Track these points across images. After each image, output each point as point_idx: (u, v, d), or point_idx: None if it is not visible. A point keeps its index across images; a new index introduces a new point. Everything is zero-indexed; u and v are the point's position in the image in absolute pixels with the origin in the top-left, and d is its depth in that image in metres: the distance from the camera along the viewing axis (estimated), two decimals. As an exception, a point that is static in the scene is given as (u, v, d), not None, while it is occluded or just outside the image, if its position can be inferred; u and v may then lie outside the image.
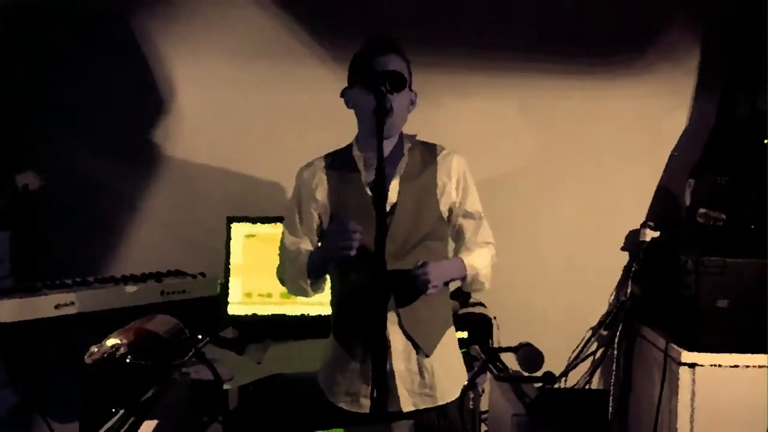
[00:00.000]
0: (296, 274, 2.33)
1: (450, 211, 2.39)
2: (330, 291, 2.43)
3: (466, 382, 2.47)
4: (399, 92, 2.23)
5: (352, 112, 2.36)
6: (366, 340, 2.26)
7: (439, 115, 3.49)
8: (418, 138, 2.41)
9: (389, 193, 2.28)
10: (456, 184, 2.38)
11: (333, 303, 2.42)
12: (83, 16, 3.57)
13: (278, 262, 2.44)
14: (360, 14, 3.58)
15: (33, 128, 3.60)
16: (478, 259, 2.38)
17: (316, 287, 2.37)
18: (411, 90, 2.34)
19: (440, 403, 2.34)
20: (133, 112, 3.65)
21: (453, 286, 2.48)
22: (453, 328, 2.46)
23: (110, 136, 3.63)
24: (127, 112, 3.64)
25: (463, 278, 2.37)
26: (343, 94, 2.36)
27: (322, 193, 2.35)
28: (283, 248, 2.41)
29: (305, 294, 2.38)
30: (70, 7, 3.58)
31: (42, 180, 3.64)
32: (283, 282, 2.43)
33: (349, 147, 2.39)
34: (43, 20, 3.56)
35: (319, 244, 2.39)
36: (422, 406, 2.31)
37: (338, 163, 2.37)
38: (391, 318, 2.25)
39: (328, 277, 2.39)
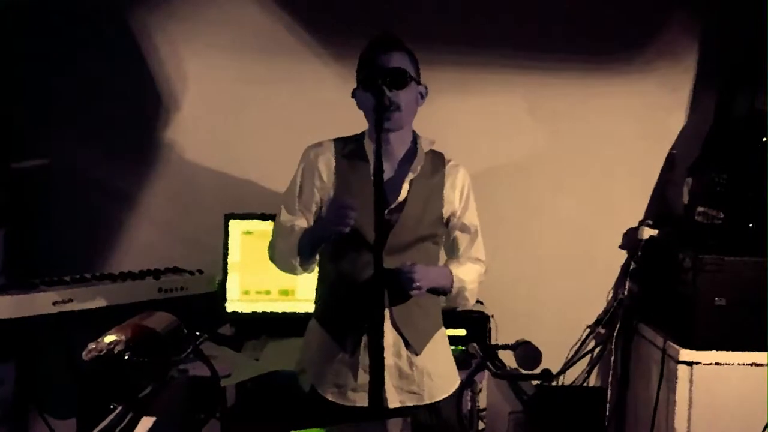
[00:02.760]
0: (287, 251, 2.33)
1: (448, 220, 2.41)
2: (318, 279, 2.43)
3: (457, 383, 2.46)
4: (400, 89, 2.23)
5: (350, 108, 2.37)
6: (357, 332, 2.27)
7: (438, 112, 3.48)
8: (434, 145, 2.42)
9: (401, 191, 2.30)
10: (459, 195, 2.40)
11: (322, 291, 2.42)
12: (83, 12, 3.57)
13: (270, 239, 2.43)
14: (361, 12, 3.58)
15: (30, 124, 3.59)
16: (467, 273, 2.39)
17: (306, 266, 2.36)
18: (419, 84, 2.34)
19: (427, 401, 2.34)
20: (131, 109, 3.65)
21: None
22: (443, 329, 2.46)
23: (108, 133, 3.63)
24: (125, 108, 3.63)
25: (449, 290, 2.37)
26: (353, 95, 2.37)
27: (327, 176, 2.35)
28: (277, 224, 2.40)
29: (294, 272, 2.38)
30: (70, 3, 3.57)
31: (39, 176, 3.63)
32: (272, 258, 2.43)
33: (362, 136, 2.40)
34: (44, 16, 3.55)
35: None
36: (409, 403, 2.32)
37: (348, 150, 2.37)
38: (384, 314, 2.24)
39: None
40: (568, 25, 3.70)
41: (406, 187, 2.31)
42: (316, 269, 2.43)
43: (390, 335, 2.28)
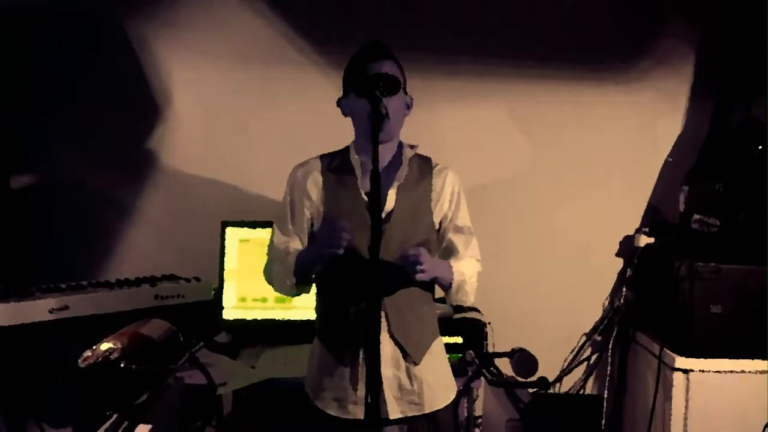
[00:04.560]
0: (283, 273, 2.32)
1: (440, 224, 2.40)
2: (315, 295, 2.42)
3: (455, 392, 2.45)
4: (393, 95, 2.23)
5: (344, 115, 2.37)
6: (355, 345, 2.26)
7: (433, 122, 3.49)
8: (418, 149, 2.41)
9: (386, 201, 2.28)
10: (449, 198, 2.38)
11: (319, 308, 2.41)
12: (79, 22, 3.57)
13: (266, 261, 2.43)
14: (354, 20, 3.58)
15: (27, 132, 3.58)
16: (467, 267, 2.38)
17: (302, 288, 2.36)
18: (406, 93, 2.34)
19: (427, 411, 2.33)
20: (127, 117, 3.64)
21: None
22: (440, 338, 2.45)
23: (105, 141, 3.62)
24: (121, 116, 3.63)
25: (450, 285, 2.36)
26: (338, 104, 2.36)
27: (316, 194, 2.34)
28: (271, 247, 2.40)
29: (290, 294, 2.38)
30: (67, 12, 3.58)
31: (36, 184, 3.63)
32: (269, 281, 2.42)
33: (347, 150, 2.38)
34: (41, 25, 3.56)
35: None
36: (410, 414, 2.31)
37: (335, 165, 2.36)
38: (381, 325, 2.23)
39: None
40: (565, 35, 3.70)
41: (392, 196, 2.30)
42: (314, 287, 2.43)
43: (388, 347, 2.27)
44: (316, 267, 2.31)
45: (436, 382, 2.36)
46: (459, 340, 3.16)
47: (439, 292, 2.44)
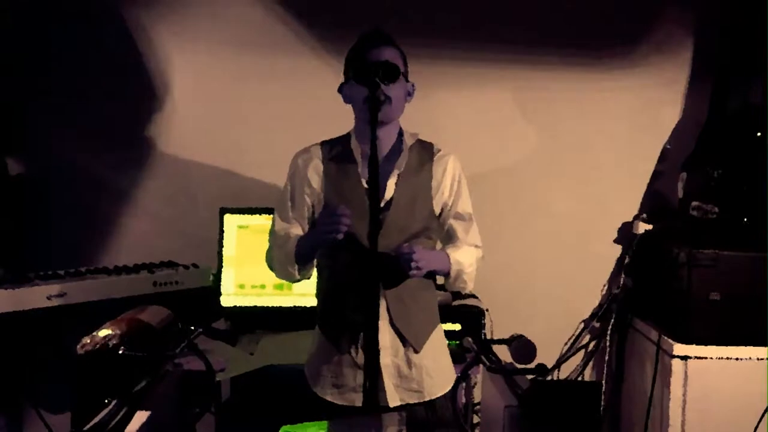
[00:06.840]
0: (284, 259, 2.33)
1: (441, 210, 2.40)
2: (316, 282, 2.42)
3: (454, 379, 2.46)
4: (392, 82, 2.23)
5: (345, 102, 2.36)
6: (354, 332, 2.26)
7: (432, 108, 3.48)
8: (419, 137, 2.41)
9: (386, 189, 2.28)
10: (450, 184, 2.38)
11: (319, 294, 2.41)
12: (78, 9, 3.56)
13: (267, 247, 2.43)
14: (354, 6, 3.57)
15: (26, 119, 3.58)
16: (464, 256, 2.38)
17: (304, 273, 2.36)
18: (408, 81, 2.34)
19: (427, 398, 2.33)
20: (126, 104, 3.64)
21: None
22: (441, 326, 2.46)
23: (103, 128, 3.62)
24: (120, 103, 3.62)
25: (447, 274, 2.36)
26: (340, 90, 2.36)
27: (316, 181, 2.34)
28: (272, 233, 2.40)
29: (292, 279, 2.38)
30: (66, 1, 3.56)
31: (35, 171, 3.62)
32: (271, 267, 2.43)
33: (348, 137, 2.38)
34: (39, 12, 3.54)
35: None
36: (409, 401, 2.31)
37: (335, 152, 2.36)
38: (381, 313, 2.23)
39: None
40: (562, 21, 3.68)
41: (392, 184, 2.30)
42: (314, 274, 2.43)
43: (387, 335, 2.27)
44: (317, 252, 2.31)
45: (436, 370, 2.36)
46: (457, 326, 3.16)
47: (439, 278, 2.45)
